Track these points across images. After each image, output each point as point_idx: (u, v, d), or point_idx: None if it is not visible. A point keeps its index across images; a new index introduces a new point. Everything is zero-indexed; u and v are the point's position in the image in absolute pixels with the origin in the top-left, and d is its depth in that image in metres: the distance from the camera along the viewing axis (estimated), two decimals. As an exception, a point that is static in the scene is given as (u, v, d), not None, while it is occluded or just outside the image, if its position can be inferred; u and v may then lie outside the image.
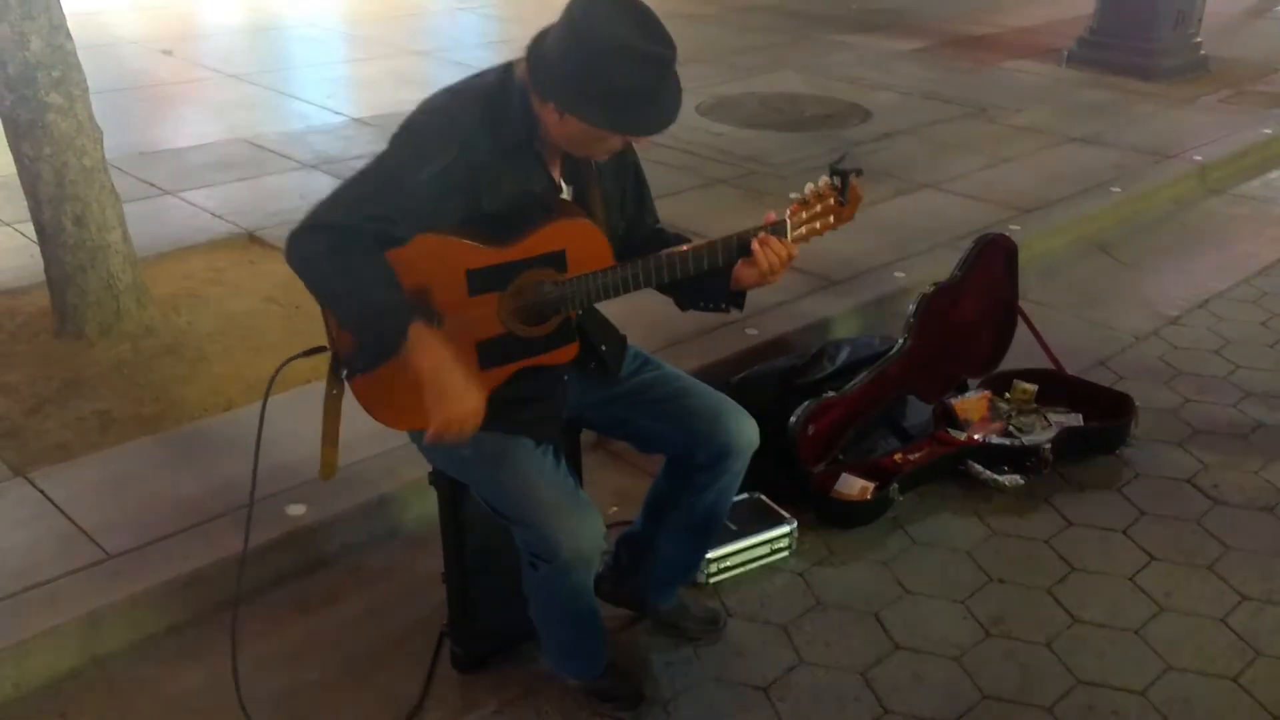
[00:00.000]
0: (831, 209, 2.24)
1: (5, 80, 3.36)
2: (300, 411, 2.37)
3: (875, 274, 4.54)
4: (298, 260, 2.03)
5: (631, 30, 1.94)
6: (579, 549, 2.16)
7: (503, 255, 2.09)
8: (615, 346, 2.40)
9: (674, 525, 2.56)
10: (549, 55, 2.01)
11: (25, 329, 3.82)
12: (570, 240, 2.12)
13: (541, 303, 2.14)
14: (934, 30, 9.36)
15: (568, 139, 2.08)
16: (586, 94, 1.97)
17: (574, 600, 2.32)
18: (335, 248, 1.99)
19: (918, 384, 3.49)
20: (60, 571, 2.69)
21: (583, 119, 2.00)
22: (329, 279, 2.02)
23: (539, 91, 2.03)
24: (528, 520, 2.18)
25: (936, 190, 5.55)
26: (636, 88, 1.97)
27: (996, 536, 3.15)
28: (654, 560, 2.64)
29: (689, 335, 3.92)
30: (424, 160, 2.03)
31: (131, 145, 5.68)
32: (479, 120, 2.06)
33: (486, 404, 2.13)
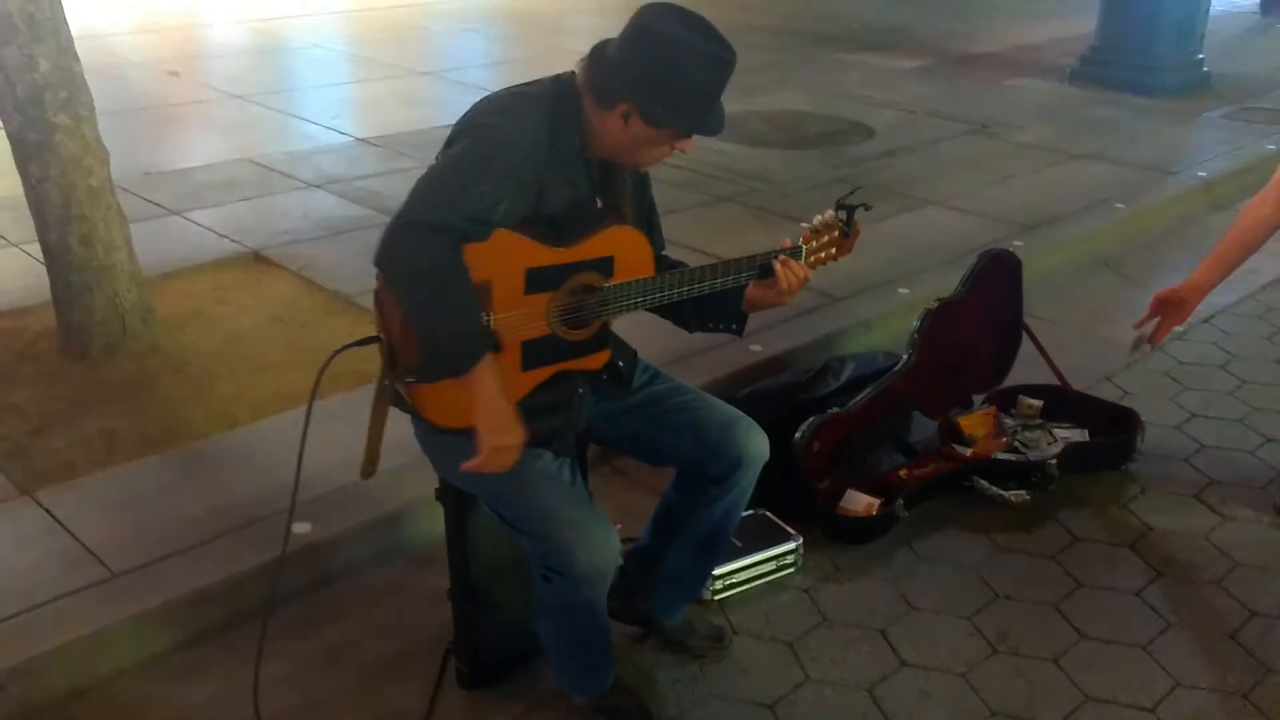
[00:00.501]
0: (836, 240, 2.38)
1: (14, 102, 3.39)
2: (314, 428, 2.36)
3: (879, 290, 4.54)
4: (393, 262, 2.02)
5: (703, 37, 2.04)
6: (595, 563, 2.16)
7: (561, 256, 2.14)
8: (629, 359, 2.42)
9: (683, 539, 2.56)
10: (617, 61, 2.07)
11: (31, 348, 3.83)
12: (619, 247, 2.20)
13: (586, 306, 2.19)
14: (936, 49, 9.40)
15: (628, 145, 2.13)
16: (659, 95, 2.04)
17: (586, 615, 2.31)
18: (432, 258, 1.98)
19: (923, 399, 3.49)
20: (65, 590, 2.69)
21: (653, 121, 2.07)
22: (420, 289, 2.01)
23: (605, 97, 2.08)
24: (544, 533, 2.18)
25: (940, 207, 5.56)
26: (705, 90, 2.07)
27: (1003, 552, 3.14)
28: (662, 576, 2.64)
29: (692, 351, 3.91)
30: (499, 157, 2.05)
31: (138, 166, 5.71)
32: (543, 122, 2.11)
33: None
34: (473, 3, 11.42)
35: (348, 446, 2.97)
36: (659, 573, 2.63)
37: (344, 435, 2.81)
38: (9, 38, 3.29)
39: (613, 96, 2.07)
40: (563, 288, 2.15)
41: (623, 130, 2.10)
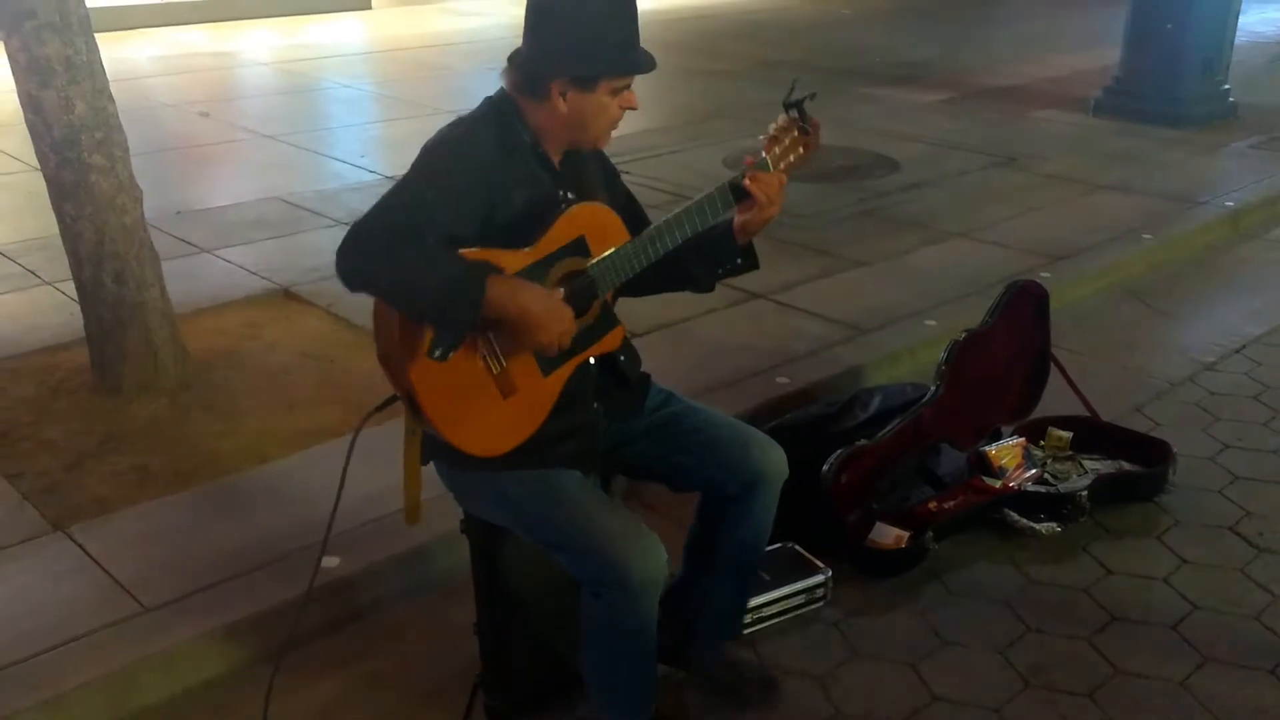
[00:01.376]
0: (799, 140, 2.32)
1: (51, 143, 3.45)
2: (338, 463, 2.38)
3: (906, 323, 4.53)
4: (350, 269, 2.03)
5: None
6: (648, 569, 2.16)
7: (530, 256, 2.15)
8: (635, 365, 2.44)
9: (714, 568, 2.55)
10: (529, 46, 2.16)
11: (65, 385, 3.88)
12: (587, 224, 2.22)
13: (578, 290, 2.20)
14: (960, 82, 9.42)
15: (575, 123, 2.18)
16: (578, 53, 2.11)
17: (638, 632, 2.27)
18: (385, 247, 2.01)
19: (951, 431, 3.47)
20: (98, 625, 2.71)
21: (583, 82, 2.13)
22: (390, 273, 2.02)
23: (535, 89, 2.16)
24: (591, 547, 2.18)
25: (966, 239, 5.55)
26: (615, 26, 2.14)
27: (1034, 585, 3.11)
28: (697, 610, 2.61)
29: (718, 384, 3.93)
30: (442, 179, 2.10)
31: (170, 204, 5.79)
32: (488, 137, 2.17)
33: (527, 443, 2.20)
34: (497, 43, 11.54)
35: (376, 481, 2.99)
36: (695, 608, 2.60)
37: (372, 470, 2.80)
38: (47, 80, 3.36)
39: (541, 83, 2.14)
40: (547, 282, 2.16)
41: (565, 110, 2.15)
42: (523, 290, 2.07)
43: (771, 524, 2.51)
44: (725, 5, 14.12)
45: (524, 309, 2.06)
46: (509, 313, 2.06)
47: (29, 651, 2.62)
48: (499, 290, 2.03)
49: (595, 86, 2.14)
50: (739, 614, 2.73)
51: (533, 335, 2.09)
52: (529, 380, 2.19)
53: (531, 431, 2.22)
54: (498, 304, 2.03)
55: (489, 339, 2.14)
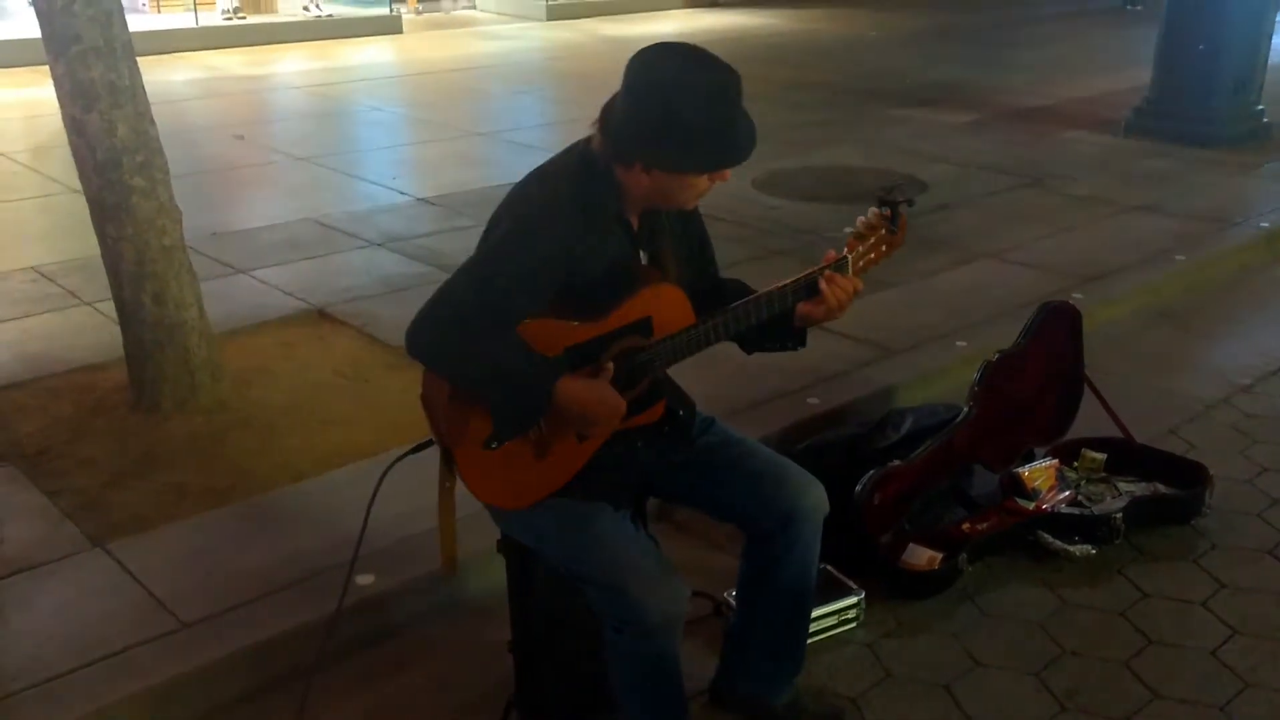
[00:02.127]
0: (884, 239, 2.33)
1: (94, 165, 3.50)
2: (373, 482, 2.41)
3: (936, 344, 4.53)
4: (423, 352, 2.09)
5: (694, 68, 2.04)
6: (666, 613, 2.16)
7: (595, 330, 2.16)
8: (689, 410, 2.43)
9: (766, 610, 2.53)
10: (620, 118, 2.09)
11: (103, 404, 3.93)
12: (657, 307, 2.21)
13: (632, 367, 2.21)
14: (988, 103, 9.41)
15: (657, 194, 2.15)
16: (669, 142, 2.04)
17: (658, 668, 2.28)
18: (461, 334, 2.05)
19: (984, 452, 3.46)
20: (135, 640, 2.73)
21: (669, 169, 2.08)
22: (463, 364, 2.08)
23: (619, 157, 2.11)
24: (613, 584, 2.18)
25: (996, 260, 5.54)
26: (714, 122, 2.04)
27: (1069, 608, 3.09)
28: (756, 651, 2.59)
29: (747, 405, 3.93)
30: (526, 251, 2.09)
31: (205, 226, 5.85)
32: (571, 204, 2.13)
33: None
34: (526, 66, 11.64)
35: (409, 499, 3.00)
36: (753, 649, 2.59)
37: (406, 489, 2.83)
38: (91, 104, 3.42)
39: (627, 155, 2.09)
40: (603, 357, 2.17)
41: (650, 182, 2.12)
42: (587, 391, 2.11)
43: (816, 560, 2.50)
44: (750, 28, 14.18)
45: (585, 412, 2.12)
46: (571, 413, 2.12)
47: (69, 666, 2.64)
48: (565, 394, 2.09)
49: (684, 171, 2.10)
50: (797, 651, 2.65)
51: (586, 427, 2.15)
52: (564, 445, 2.21)
53: (557, 489, 2.24)
54: (563, 405, 2.10)
55: None
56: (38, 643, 2.72)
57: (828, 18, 15.10)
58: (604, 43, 13.02)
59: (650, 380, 2.25)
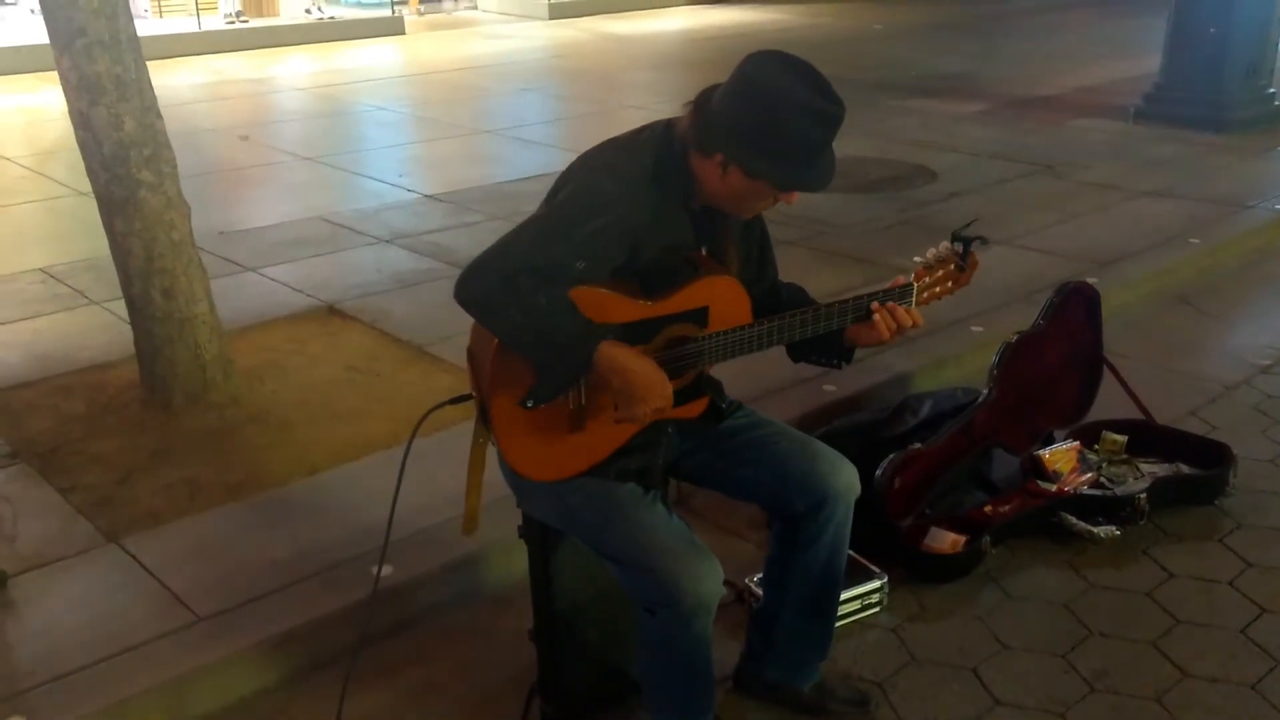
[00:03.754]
0: (951, 274, 2.33)
1: (100, 160, 3.48)
2: (393, 472, 2.38)
3: (952, 329, 4.49)
4: (474, 299, 2.05)
5: (807, 88, 2.02)
6: (700, 593, 2.12)
7: (651, 310, 2.13)
8: (719, 394, 2.40)
9: (794, 592, 2.49)
10: (719, 110, 2.07)
11: (115, 401, 3.90)
12: (715, 297, 2.18)
13: (681, 356, 2.17)
14: (996, 93, 9.37)
15: (726, 195, 2.13)
16: (758, 147, 2.03)
17: (691, 651, 2.24)
18: (510, 287, 2.01)
19: (1004, 435, 3.42)
20: (152, 635, 2.71)
21: (750, 173, 2.05)
22: (509, 316, 2.03)
23: (704, 145, 2.08)
24: (647, 565, 2.14)
25: (1008, 247, 5.50)
26: (807, 144, 2.04)
27: (1094, 589, 3.05)
28: (783, 636, 2.55)
29: (763, 393, 3.88)
30: (591, 215, 2.07)
31: (212, 225, 5.83)
32: (646, 177, 2.11)
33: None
34: (529, 64, 11.61)
35: (428, 490, 3.00)
36: (780, 634, 2.55)
37: (424, 479, 2.82)
38: (97, 98, 3.39)
39: (711, 146, 2.07)
40: (655, 340, 2.14)
41: (721, 180, 2.09)
42: (631, 361, 2.06)
43: (847, 543, 2.45)
44: (754, 24, 14.15)
45: (629, 382, 2.06)
46: (613, 380, 2.07)
47: (86, 660, 2.62)
48: (608, 356, 2.04)
49: (760, 179, 2.07)
50: (824, 636, 2.60)
51: (628, 405, 2.10)
52: (599, 421, 2.18)
53: (587, 468, 2.20)
54: (605, 369, 2.05)
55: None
56: (54, 638, 2.70)
57: (833, 12, 15.06)
58: (606, 40, 13.00)
59: (697, 373, 2.22)
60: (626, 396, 2.08)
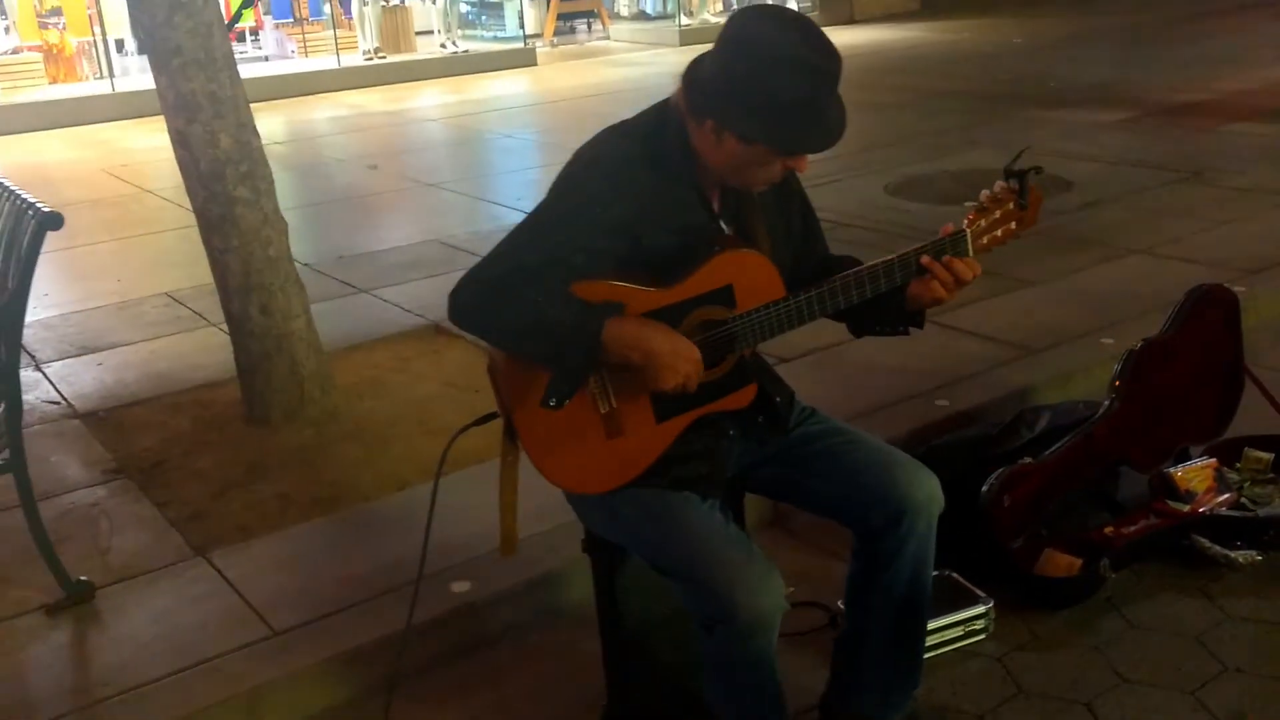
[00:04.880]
0: (1012, 214, 2.10)
1: (198, 177, 3.53)
2: (472, 487, 2.30)
3: (1080, 342, 4.21)
4: (462, 313, 1.98)
5: (793, 40, 1.87)
6: (758, 608, 1.96)
7: (669, 297, 1.99)
8: (786, 398, 2.24)
9: (878, 616, 2.28)
10: (705, 72, 1.95)
11: (219, 418, 3.95)
12: (737, 274, 2.02)
13: (713, 341, 2.03)
14: (1142, 101, 8.92)
15: (726, 165, 1.99)
16: (745, 107, 1.89)
17: (754, 669, 2.08)
18: (500, 292, 1.94)
19: (1130, 451, 3.15)
20: (227, 648, 2.68)
21: (741, 136, 1.91)
22: (503, 319, 1.95)
23: (694, 111, 1.96)
24: (700, 578, 1.99)
25: (1147, 255, 5.16)
26: (798, 101, 1.88)
27: (1231, 620, 2.76)
28: (868, 663, 2.34)
29: (871, 407, 3.71)
30: (577, 209, 1.97)
31: (332, 250, 5.95)
32: (638, 159, 2.00)
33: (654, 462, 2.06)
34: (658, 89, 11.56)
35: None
36: (864, 660, 2.34)
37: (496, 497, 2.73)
38: (193, 116, 3.44)
39: (700, 112, 1.94)
40: (680, 328, 1.99)
41: (716, 148, 1.95)
42: (646, 330, 1.93)
43: (931, 559, 2.25)
44: (889, 41, 13.88)
45: (649, 351, 1.92)
46: (632, 356, 1.93)
47: (160, 672, 2.61)
48: (619, 333, 1.91)
49: (755, 143, 1.93)
50: (913, 663, 2.38)
51: (656, 377, 1.94)
52: (640, 424, 2.05)
53: (634, 476, 2.07)
54: (618, 348, 1.92)
55: (600, 375, 2.01)
56: (132, 649, 2.70)
57: (971, 28, 14.68)
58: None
59: (737, 358, 2.07)
60: (652, 372, 1.93)
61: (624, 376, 1.99)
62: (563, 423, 2.01)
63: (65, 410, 4.11)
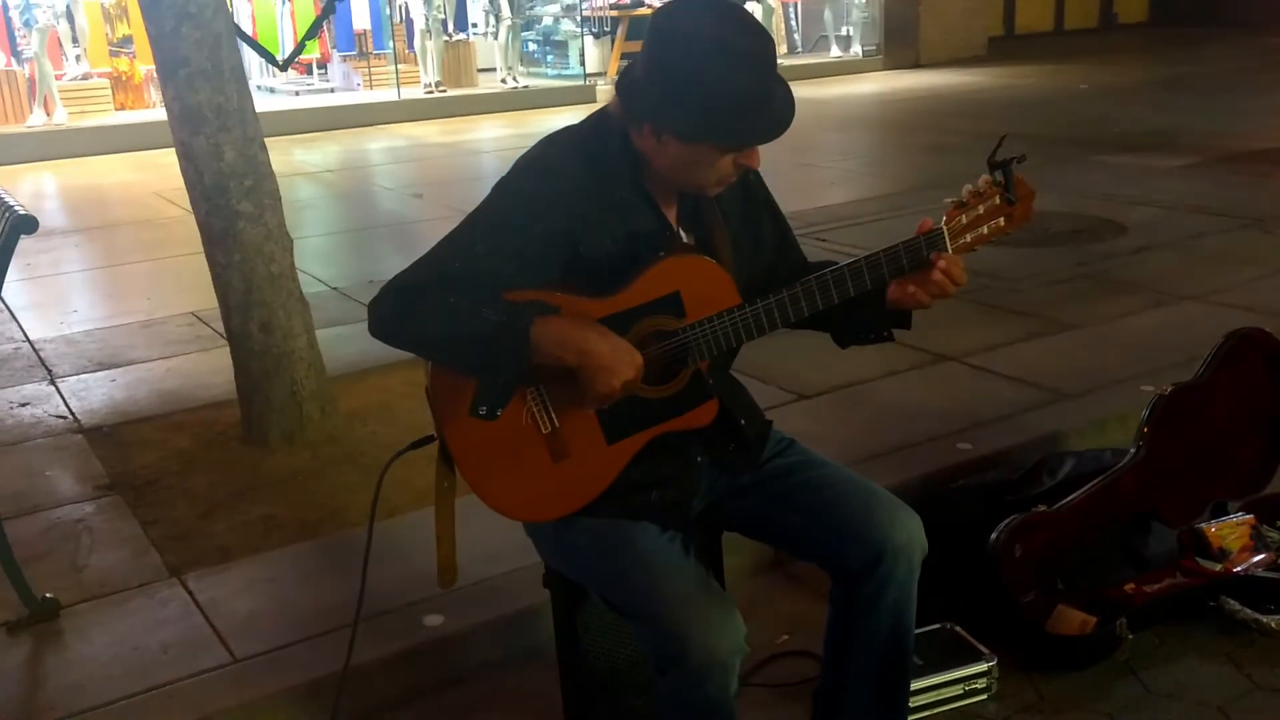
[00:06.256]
0: (999, 209, 1.92)
1: (201, 190, 3.47)
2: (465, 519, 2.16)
3: (1117, 388, 3.98)
4: (379, 324, 1.87)
5: (722, 28, 1.74)
6: (713, 649, 1.79)
7: (609, 307, 1.86)
8: (757, 424, 2.09)
9: (857, 668, 2.11)
10: (637, 74, 1.83)
11: (219, 437, 3.88)
12: (685, 280, 1.88)
13: (664, 353, 1.88)
14: (1205, 148, 8.63)
15: (672, 168, 1.86)
16: (681, 104, 1.77)
17: (709, 717, 1.89)
18: (420, 299, 1.82)
19: (1158, 503, 2.93)
20: (185, 673, 2.57)
21: (680, 135, 1.79)
22: (424, 327, 1.82)
23: (631, 116, 1.84)
24: (651, 615, 1.84)
25: (1199, 302, 4.92)
26: (736, 91, 1.75)
27: (1259, 690, 2.54)
28: (850, 715, 2.17)
29: (890, 448, 3.53)
30: (507, 215, 1.87)
31: (364, 273, 5.92)
32: (576, 165, 1.89)
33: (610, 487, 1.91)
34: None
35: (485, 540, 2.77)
36: (845, 713, 2.16)
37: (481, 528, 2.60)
38: (198, 128, 3.39)
39: (637, 115, 1.82)
40: (625, 339, 1.85)
41: (659, 151, 1.83)
42: (580, 328, 1.80)
43: (913, 607, 2.07)
44: (951, 85, 13.69)
45: (583, 350, 1.78)
46: (565, 357, 1.79)
47: (114, 695, 2.51)
48: (549, 330, 1.78)
49: (697, 142, 1.82)
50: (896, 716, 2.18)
51: (592, 380, 1.80)
52: (588, 446, 1.91)
53: (586, 503, 1.93)
54: (549, 347, 1.78)
55: (539, 391, 1.87)
56: (88, 671, 2.60)
57: (1036, 74, 14.43)
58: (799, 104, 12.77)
59: (692, 372, 1.92)
60: (588, 374, 1.79)
61: (563, 391, 1.85)
62: (502, 444, 1.88)
63: (70, 425, 4.06)
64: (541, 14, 15.38)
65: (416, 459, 3.70)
